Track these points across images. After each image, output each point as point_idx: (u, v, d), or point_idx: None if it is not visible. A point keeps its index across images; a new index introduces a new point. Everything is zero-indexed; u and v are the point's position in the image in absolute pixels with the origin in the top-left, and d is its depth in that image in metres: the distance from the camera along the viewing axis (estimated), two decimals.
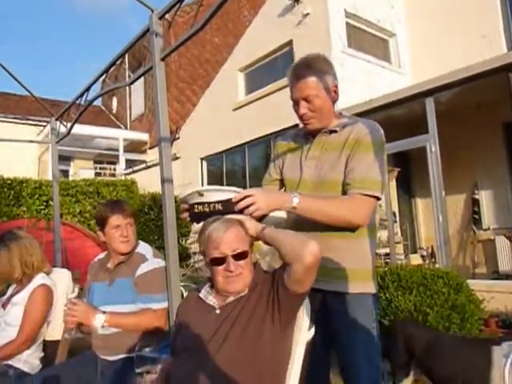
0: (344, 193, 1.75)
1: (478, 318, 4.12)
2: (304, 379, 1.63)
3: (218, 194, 1.53)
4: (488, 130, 7.47)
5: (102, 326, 2.11)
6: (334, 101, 1.84)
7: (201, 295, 1.64)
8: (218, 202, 1.52)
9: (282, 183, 2.03)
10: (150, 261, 2.31)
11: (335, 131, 1.83)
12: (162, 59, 2.47)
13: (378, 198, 1.73)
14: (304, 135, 1.95)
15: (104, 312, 2.13)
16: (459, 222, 8.39)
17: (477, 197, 8.04)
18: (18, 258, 2.52)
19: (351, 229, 1.74)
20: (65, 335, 2.20)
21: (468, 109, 7.04)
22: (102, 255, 2.52)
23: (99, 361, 2.22)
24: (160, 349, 1.64)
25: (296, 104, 1.83)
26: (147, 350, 1.52)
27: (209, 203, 1.53)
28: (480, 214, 8.02)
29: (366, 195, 1.69)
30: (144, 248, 2.42)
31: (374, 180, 1.71)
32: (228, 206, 1.52)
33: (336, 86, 1.82)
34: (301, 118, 1.84)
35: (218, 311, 1.56)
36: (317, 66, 1.78)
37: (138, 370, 1.48)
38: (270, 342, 1.46)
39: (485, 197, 8.08)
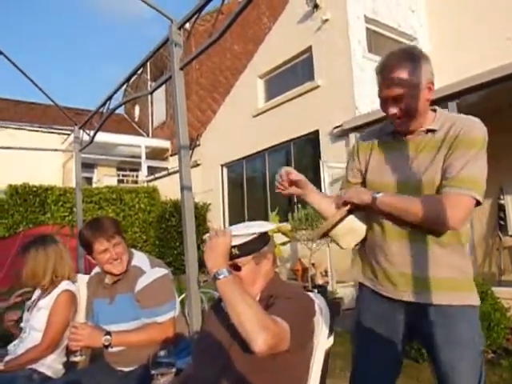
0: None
1: (504, 326, 4.03)
2: None
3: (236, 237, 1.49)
4: None
5: (110, 347, 2.06)
6: (429, 98, 1.60)
7: (222, 303, 1.63)
8: (234, 247, 1.49)
9: (364, 185, 1.81)
10: (148, 273, 2.20)
11: (432, 130, 1.62)
12: (181, 68, 2.51)
13: (479, 202, 1.51)
14: (392, 132, 1.71)
15: (109, 333, 2.07)
16: (484, 228, 8.18)
17: (502, 202, 7.83)
18: (52, 265, 2.53)
19: (443, 233, 1.55)
20: (71, 359, 2.17)
21: (492, 112, 6.89)
22: (98, 269, 2.41)
23: (116, 371, 2.20)
24: (177, 353, 1.65)
25: (384, 102, 1.61)
26: (162, 353, 1.53)
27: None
28: (506, 220, 7.80)
29: (464, 195, 1.48)
30: (140, 259, 2.30)
31: (474, 178, 1.51)
32: (243, 250, 1.50)
33: (432, 83, 1.59)
34: (390, 118, 1.63)
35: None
36: (412, 60, 1.54)
37: (153, 372, 1.49)
38: (284, 361, 1.40)
39: (511, 202, 7.88)
